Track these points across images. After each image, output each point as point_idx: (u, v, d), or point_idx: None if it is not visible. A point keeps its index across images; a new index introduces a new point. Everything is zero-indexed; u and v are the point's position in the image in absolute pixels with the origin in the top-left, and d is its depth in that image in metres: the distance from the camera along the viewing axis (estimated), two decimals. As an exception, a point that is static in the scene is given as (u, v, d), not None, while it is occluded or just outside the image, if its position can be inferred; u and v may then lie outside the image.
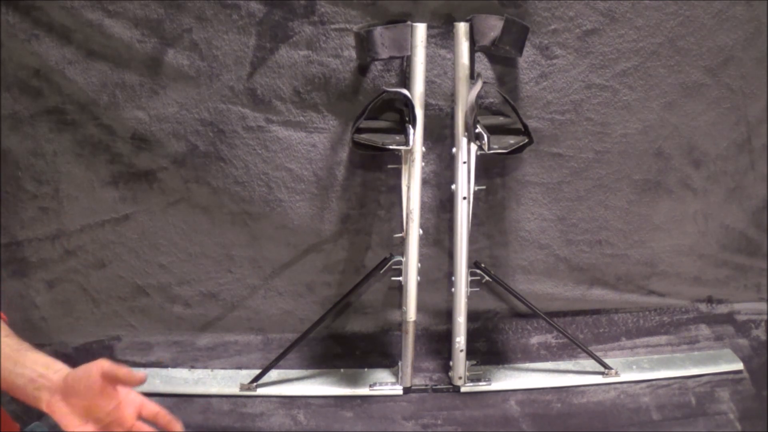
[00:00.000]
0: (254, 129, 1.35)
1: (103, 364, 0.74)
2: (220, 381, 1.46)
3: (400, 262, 1.35)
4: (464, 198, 1.29)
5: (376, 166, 1.41)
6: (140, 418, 0.79)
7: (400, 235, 1.31)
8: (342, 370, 1.49)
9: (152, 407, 0.80)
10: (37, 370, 0.76)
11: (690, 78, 1.38)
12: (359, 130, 1.26)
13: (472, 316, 1.46)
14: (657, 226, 1.55)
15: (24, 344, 0.80)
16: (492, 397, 1.42)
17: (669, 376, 1.46)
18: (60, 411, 0.75)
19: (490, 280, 1.44)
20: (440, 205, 1.45)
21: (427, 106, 1.30)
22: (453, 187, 1.31)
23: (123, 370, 0.74)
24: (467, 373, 1.43)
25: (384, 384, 1.44)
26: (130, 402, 0.79)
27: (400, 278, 1.35)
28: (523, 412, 1.38)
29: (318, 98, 1.33)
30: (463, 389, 1.44)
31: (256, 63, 1.30)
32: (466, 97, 1.24)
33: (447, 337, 1.46)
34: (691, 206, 1.54)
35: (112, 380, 0.75)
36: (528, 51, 1.30)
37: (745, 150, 1.50)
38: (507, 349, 1.56)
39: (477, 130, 1.23)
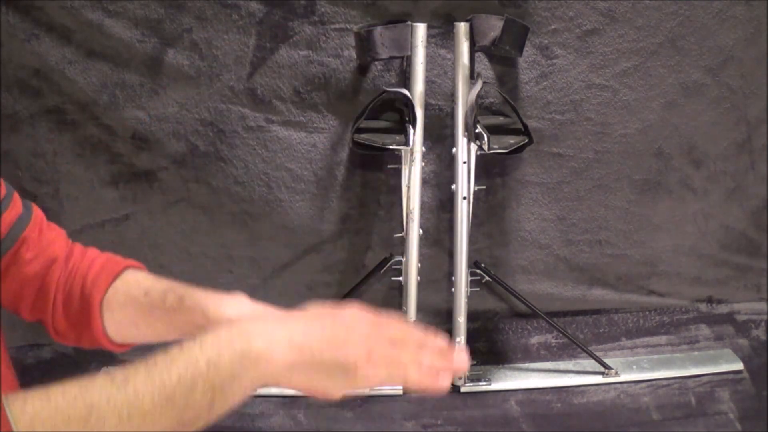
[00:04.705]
0: (254, 129, 1.35)
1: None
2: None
3: (400, 262, 1.35)
4: (464, 198, 1.29)
5: (376, 166, 1.40)
6: None
7: (400, 235, 1.31)
8: (342, 370, 1.49)
9: None
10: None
11: (690, 78, 1.38)
12: (359, 130, 1.26)
13: (472, 316, 1.46)
14: (657, 226, 1.55)
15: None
16: (492, 397, 1.42)
17: (669, 376, 1.46)
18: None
19: (490, 280, 1.44)
20: (440, 205, 1.45)
21: (427, 106, 1.30)
22: (453, 187, 1.31)
23: None
24: (467, 373, 1.43)
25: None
26: None
27: (400, 278, 1.35)
28: (523, 412, 1.38)
29: (318, 98, 1.33)
30: (463, 389, 1.44)
31: (256, 63, 1.30)
32: (466, 97, 1.24)
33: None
34: (691, 206, 1.54)
35: None
36: (528, 51, 1.30)
37: (745, 150, 1.50)
38: (507, 349, 1.56)
39: (477, 130, 1.23)
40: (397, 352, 0.56)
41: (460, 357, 0.60)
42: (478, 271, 1.43)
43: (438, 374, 0.57)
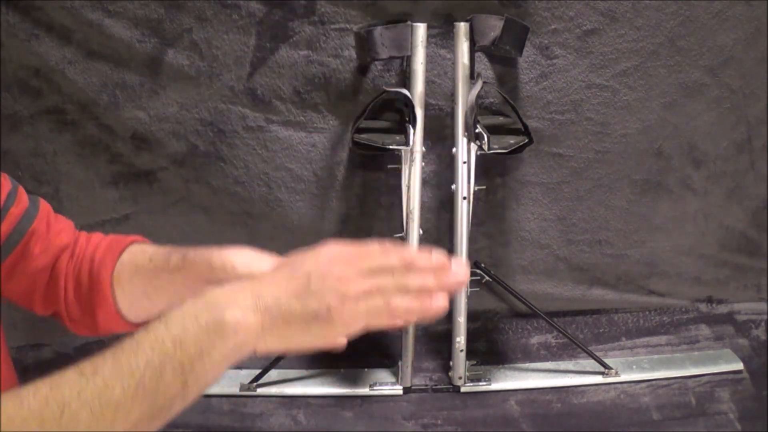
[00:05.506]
0: (254, 129, 1.35)
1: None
2: (220, 381, 1.45)
3: (400, 262, 1.35)
4: (464, 198, 1.29)
5: (376, 166, 1.40)
6: None
7: (400, 235, 1.31)
8: (342, 370, 1.49)
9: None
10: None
11: (690, 78, 1.38)
12: (359, 130, 1.26)
13: (472, 316, 1.46)
14: (657, 226, 1.55)
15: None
16: (492, 397, 1.42)
17: (669, 376, 1.46)
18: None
19: (490, 280, 1.44)
20: (440, 205, 1.45)
21: (427, 106, 1.30)
22: (453, 187, 1.31)
23: None
24: (467, 373, 1.43)
25: (384, 384, 1.44)
26: None
27: (400, 278, 1.35)
28: (523, 412, 1.38)
29: (318, 98, 1.33)
30: (463, 389, 1.44)
31: (256, 63, 1.30)
32: (466, 97, 1.24)
33: (447, 337, 1.46)
34: (691, 206, 1.54)
35: None
36: (528, 51, 1.30)
37: (745, 150, 1.50)
38: (507, 349, 1.56)
39: (477, 130, 1.23)
40: (376, 282, 0.50)
41: (459, 268, 0.52)
42: (478, 271, 1.43)
43: (431, 296, 0.51)
